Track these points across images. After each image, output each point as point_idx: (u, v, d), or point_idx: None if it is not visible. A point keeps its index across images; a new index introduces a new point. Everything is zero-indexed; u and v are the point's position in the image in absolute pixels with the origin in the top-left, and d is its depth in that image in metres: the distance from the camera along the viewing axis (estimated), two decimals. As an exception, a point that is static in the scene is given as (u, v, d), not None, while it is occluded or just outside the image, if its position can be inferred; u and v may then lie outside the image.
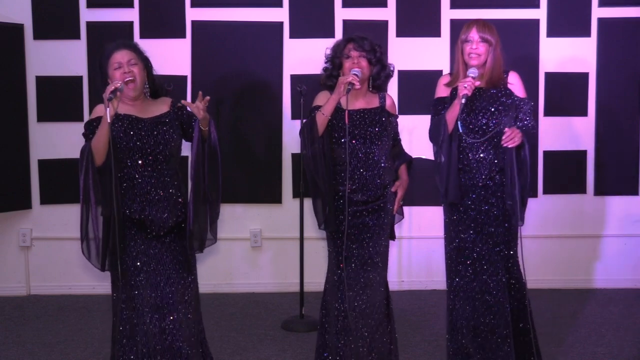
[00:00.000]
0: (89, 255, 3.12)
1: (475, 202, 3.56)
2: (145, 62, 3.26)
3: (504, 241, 3.56)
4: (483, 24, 3.53)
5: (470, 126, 3.51)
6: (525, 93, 3.62)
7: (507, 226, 3.57)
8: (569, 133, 5.20)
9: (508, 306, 3.55)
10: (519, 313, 3.61)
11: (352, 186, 3.51)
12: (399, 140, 3.75)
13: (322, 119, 3.45)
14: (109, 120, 2.96)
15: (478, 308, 3.54)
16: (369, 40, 3.54)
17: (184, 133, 3.29)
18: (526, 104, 3.58)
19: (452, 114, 3.47)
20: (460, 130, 3.46)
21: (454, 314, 3.62)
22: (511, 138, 3.38)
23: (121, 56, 3.16)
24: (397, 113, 3.69)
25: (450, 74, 3.67)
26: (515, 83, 3.59)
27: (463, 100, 3.38)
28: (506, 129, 3.43)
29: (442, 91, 3.65)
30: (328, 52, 3.63)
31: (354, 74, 3.41)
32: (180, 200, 3.23)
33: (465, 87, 3.37)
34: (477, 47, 3.48)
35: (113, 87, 3.00)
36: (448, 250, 3.68)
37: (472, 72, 3.45)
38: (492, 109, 3.52)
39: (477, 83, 3.43)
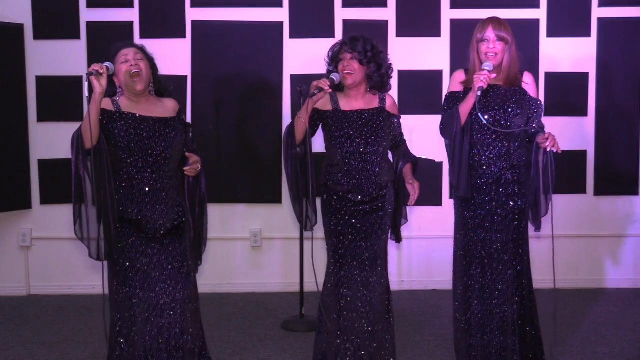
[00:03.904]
0: (82, 236, 3.11)
1: (485, 201, 3.54)
2: (151, 62, 3.29)
3: (513, 240, 3.56)
4: (499, 22, 3.50)
5: (483, 123, 3.47)
6: (537, 94, 3.62)
7: (516, 225, 3.56)
8: (569, 133, 5.20)
9: (516, 307, 3.55)
10: (526, 314, 3.61)
11: (348, 186, 3.53)
12: (404, 141, 3.74)
13: (299, 123, 3.48)
14: (86, 94, 2.95)
15: (489, 308, 3.53)
16: (361, 41, 3.53)
17: (186, 141, 3.31)
18: (539, 107, 3.59)
19: (466, 107, 3.46)
20: (484, 122, 3.42)
21: (466, 314, 3.59)
22: (555, 141, 3.37)
23: (128, 51, 3.21)
24: (399, 114, 3.69)
25: (466, 70, 3.62)
26: (530, 83, 3.58)
27: (479, 93, 3.36)
28: (545, 134, 3.40)
29: (456, 86, 3.62)
30: (328, 55, 3.64)
31: (331, 78, 3.44)
32: (178, 202, 3.23)
33: (481, 80, 3.35)
34: (494, 47, 3.46)
35: (98, 66, 2.98)
36: (458, 249, 3.65)
37: (488, 65, 3.42)
38: (508, 107, 3.50)
39: (493, 76, 3.41)
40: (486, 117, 3.45)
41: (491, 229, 3.54)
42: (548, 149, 3.39)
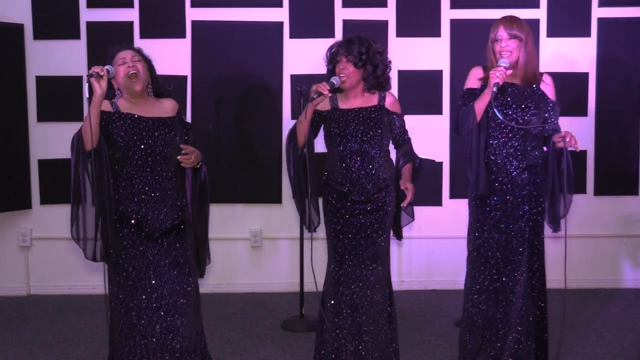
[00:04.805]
0: (77, 238, 3.11)
1: (501, 202, 3.52)
2: (149, 64, 3.30)
3: (529, 241, 3.54)
4: (510, 20, 3.48)
5: (499, 120, 3.44)
6: (556, 97, 3.59)
7: (532, 226, 3.54)
8: (569, 133, 5.19)
9: (531, 306, 3.54)
10: (538, 314, 3.60)
11: (347, 184, 3.53)
12: (408, 139, 3.69)
13: (301, 126, 3.48)
14: (87, 95, 2.99)
15: (503, 309, 3.51)
16: (356, 43, 3.51)
17: (186, 141, 3.31)
18: (556, 109, 3.55)
19: (482, 104, 3.43)
20: (500, 117, 3.39)
21: (479, 314, 3.56)
22: (573, 138, 3.36)
23: (125, 53, 3.22)
24: (401, 112, 3.66)
25: (484, 68, 3.59)
26: (549, 84, 3.56)
27: (494, 89, 3.33)
28: (562, 132, 3.40)
29: (474, 82, 3.59)
30: (326, 54, 3.64)
31: (331, 82, 3.45)
32: (178, 202, 3.23)
33: (497, 76, 3.33)
34: (507, 45, 3.44)
35: (99, 68, 3.01)
36: (472, 249, 3.61)
37: (504, 61, 3.40)
38: (525, 106, 3.47)
39: (509, 72, 3.40)
40: (501, 112, 3.41)
41: (506, 231, 3.52)
42: (569, 147, 3.37)
